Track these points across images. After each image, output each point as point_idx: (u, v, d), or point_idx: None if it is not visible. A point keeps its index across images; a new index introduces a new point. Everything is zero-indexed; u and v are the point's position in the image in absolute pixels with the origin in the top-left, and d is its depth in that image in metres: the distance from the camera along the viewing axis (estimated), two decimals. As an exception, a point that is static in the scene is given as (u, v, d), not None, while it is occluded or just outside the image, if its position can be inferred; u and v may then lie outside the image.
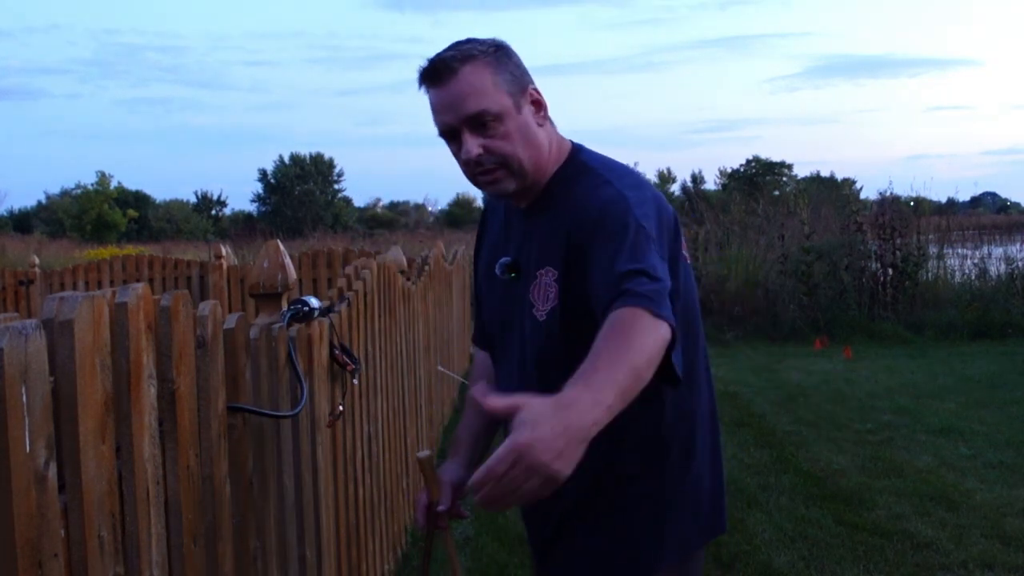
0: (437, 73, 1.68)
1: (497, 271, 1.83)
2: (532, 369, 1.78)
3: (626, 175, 1.73)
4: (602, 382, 1.32)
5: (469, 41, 1.72)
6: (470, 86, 1.66)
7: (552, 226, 1.72)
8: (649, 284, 1.48)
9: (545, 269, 1.72)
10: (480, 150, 1.68)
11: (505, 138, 1.68)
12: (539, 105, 1.74)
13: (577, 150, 1.81)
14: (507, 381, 1.87)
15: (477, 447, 2.03)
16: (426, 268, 5.64)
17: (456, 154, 1.74)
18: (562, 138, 1.82)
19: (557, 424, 1.25)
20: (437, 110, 1.71)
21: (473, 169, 1.72)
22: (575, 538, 1.79)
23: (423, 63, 1.71)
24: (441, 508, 1.95)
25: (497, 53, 1.70)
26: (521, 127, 1.69)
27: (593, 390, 1.31)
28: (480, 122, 1.67)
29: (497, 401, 1.32)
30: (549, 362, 1.71)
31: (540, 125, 1.73)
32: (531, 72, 1.78)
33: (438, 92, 1.69)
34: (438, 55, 1.70)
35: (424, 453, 1.97)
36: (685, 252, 1.77)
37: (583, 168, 1.75)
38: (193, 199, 62.30)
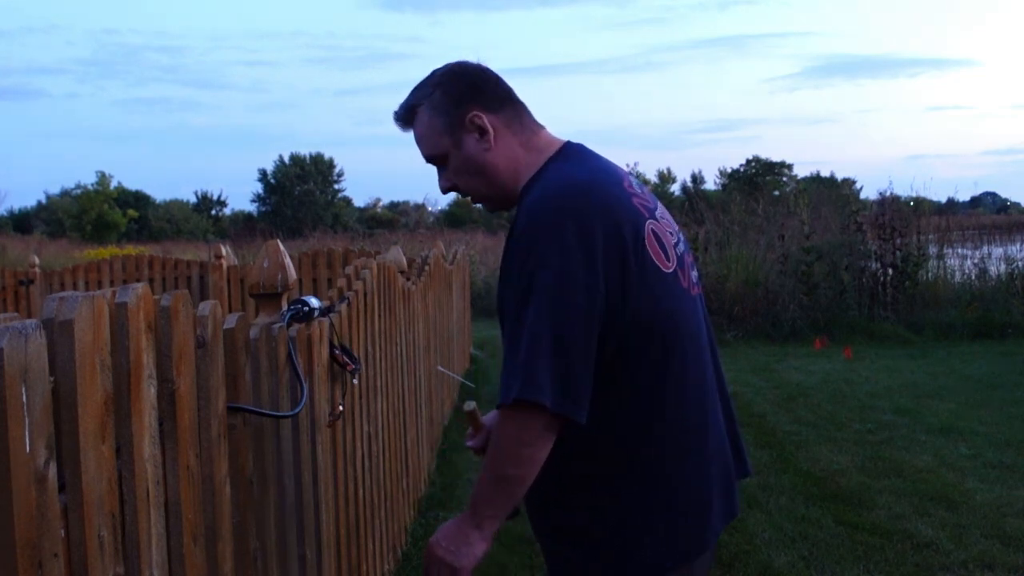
0: (400, 127, 1.90)
1: None
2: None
3: (566, 187, 1.70)
4: (477, 501, 1.72)
5: (421, 83, 1.86)
6: (418, 134, 1.86)
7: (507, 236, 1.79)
8: (506, 368, 1.64)
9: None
10: (447, 183, 1.88)
11: (457, 174, 1.85)
12: (481, 130, 1.81)
13: (556, 155, 1.81)
14: None
15: None
16: (426, 268, 5.64)
17: None
18: (550, 142, 1.84)
19: (451, 533, 1.73)
20: None
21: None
22: (550, 546, 1.84)
23: (393, 110, 1.90)
24: (470, 444, 2.05)
25: (435, 94, 1.82)
26: (464, 161, 1.83)
27: (474, 509, 1.72)
28: (436, 163, 1.87)
29: None
30: None
31: (486, 149, 1.81)
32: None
33: None
34: (397, 107, 1.89)
35: (471, 405, 2.03)
36: (660, 261, 1.71)
37: (539, 178, 1.78)
38: (193, 199, 62.36)
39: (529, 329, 1.61)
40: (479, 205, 1.92)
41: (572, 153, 1.82)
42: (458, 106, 1.80)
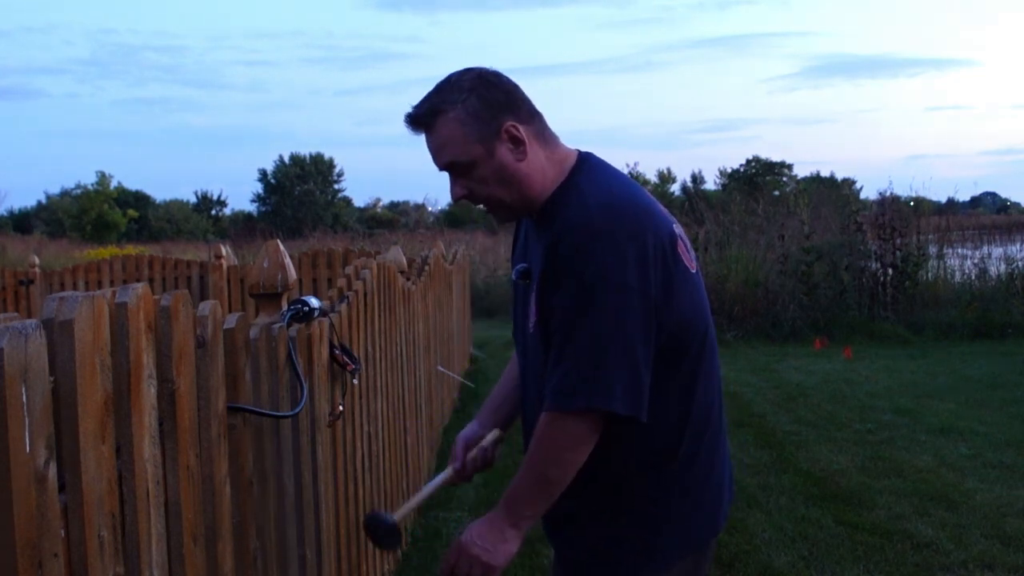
0: (415, 126, 1.82)
1: (514, 276, 1.93)
2: (533, 370, 1.90)
3: (610, 200, 1.75)
4: (515, 500, 1.77)
5: (446, 86, 1.80)
6: (441, 139, 1.78)
7: (542, 245, 1.78)
8: (569, 375, 1.68)
9: (535, 284, 1.81)
10: (463, 192, 1.83)
11: (481, 182, 1.80)
12: (517, 141, 1.79)
13: (578, 167, 1.84)
14: (522, 379, 2.02)
15: (498, 412, 2.15)
16: (426, 268, 5.64)
17: None
18: (566, 154, 1.86)
19: (484, 531, 1.77)
20: (429, 152, 1.84)
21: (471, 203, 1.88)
22: (584, 527, 1.86)
23: (407, 112, 1.82)
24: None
25: (469, 99, 1.77)
26: (496, 170, 1.79)
27: (510, 508, 1.77)
28: (456, 170, 1.81)
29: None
30: (541, 366, 1.82)
31: (520, 160, 1.80)
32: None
33: (425, 139, 1.82)
34: (415, 107, 1.81)
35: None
36: (688, 263, 1.81)
37: (573, 190, 1.80)
38: (193, 199, 62.30)
39: (593, 338, 1.68)
40: (488, 212, 1.91)
41: (594, 165, 1.86)
42: (494, 115, 1.78)
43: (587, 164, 1.85)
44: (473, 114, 1.77)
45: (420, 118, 1.80)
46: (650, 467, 1.81)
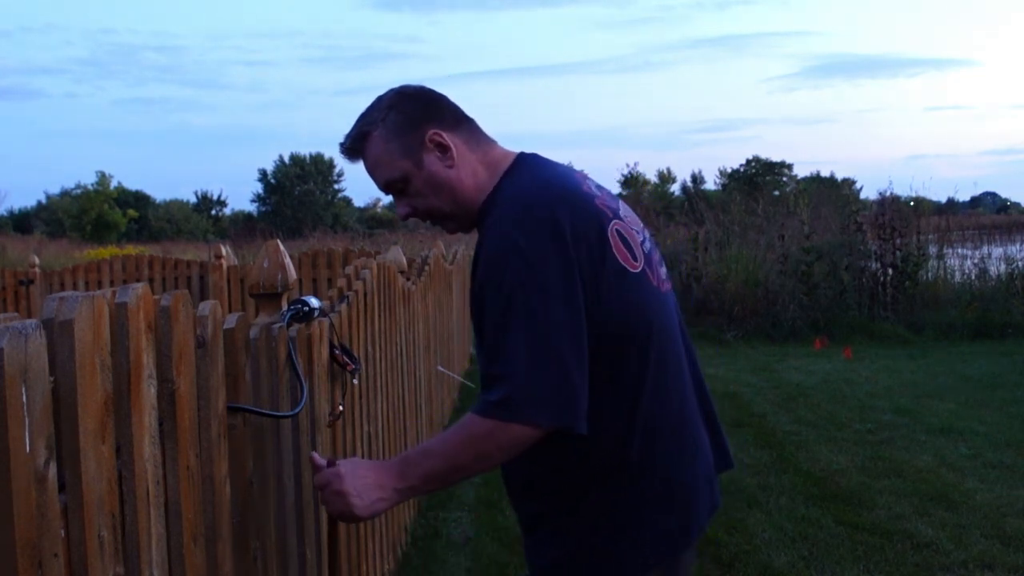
0: (349, 155, 1.85)
1: None
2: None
3: (524, 199, 1.71)
4: (415, 470, 1.69)
5: (369, 109, 1.82)
6: (372, 161, 1.81)
7: (475, 255, 1.77)
8: (504, 390, 1.59)
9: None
10: (407, 209, 1.84)
11: (419, 195, 1.81)
12: (443, 148, 1.79)
13: (511, 169, 1.81)
14: None
15: None
16: (426, 268, 5.64)
17: None
18: (503, 156, 1.84)
19: (371, 479, 1.70)
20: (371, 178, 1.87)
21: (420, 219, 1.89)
22: (544, 536, 1.82)
23: (339, 144, 1.86)
24: None
25: (389, 116, 1.79)
26: (427, 180, 1.79)
27: (408, 469, 1.70)
28: (394, 189, 1.82)
29: (317, 459, 1.80)
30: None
31: (449, 167, 1.79)
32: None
33: (364, 167, 1.86)
34: (344, 138, 1.84)
35: None
36: (624, 261, 1.72)
37: (495, 199, 1.77)
38: (193, 199, 62.40)
39: (519, 346, 1.60)
40: (438, 227, 1.88)
41: (525, 165, 1.82)
42: (416, 126, 1.78)
43: (521, 165, 1.81)
44: (394, 129, 1.78)
45: (350, 145, 1.82)
46: (599, 476, 1.73)
